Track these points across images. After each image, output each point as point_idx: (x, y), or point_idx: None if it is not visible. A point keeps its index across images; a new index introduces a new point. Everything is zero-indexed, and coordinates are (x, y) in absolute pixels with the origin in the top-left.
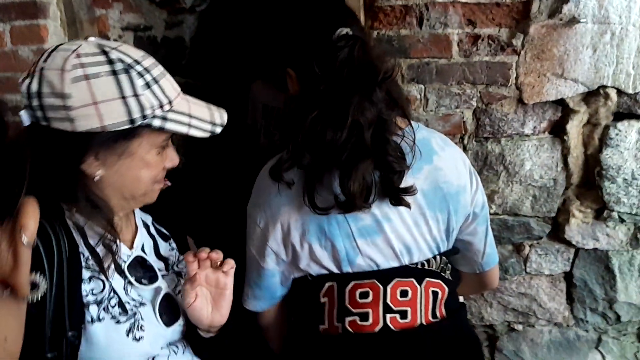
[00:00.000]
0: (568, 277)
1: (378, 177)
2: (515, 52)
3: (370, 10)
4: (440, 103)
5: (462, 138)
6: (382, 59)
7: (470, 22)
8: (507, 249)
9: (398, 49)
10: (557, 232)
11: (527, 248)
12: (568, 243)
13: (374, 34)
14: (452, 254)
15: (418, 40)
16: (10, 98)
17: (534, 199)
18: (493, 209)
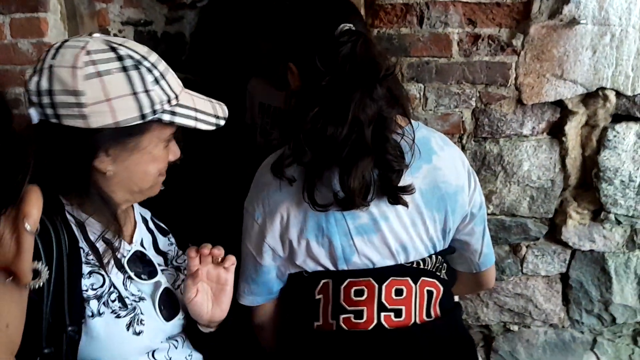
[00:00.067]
0: (564, 278)
1: (377, 175)
2: (515, 52)
3: (371, 8)
4: (440, 102)
5: (460, 138)
6: (384, 56)
7: (471, 21)
8: (503, 250)
9: (398, 48)
10: (553, 233)
11: (523, 249)
12: (565, 244)
13: (374, 32)
14: (448, 254)
15: (418, 39)
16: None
17: (532, 200)
18: (490, 209)
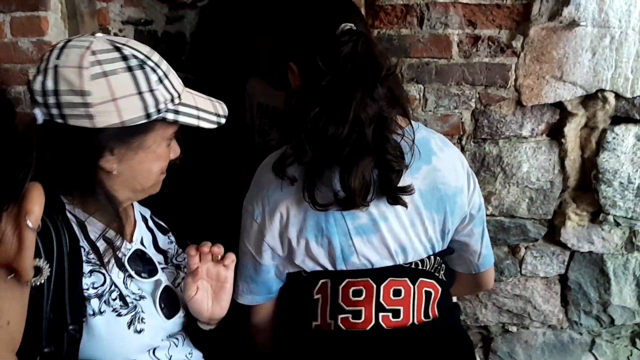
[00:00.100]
0: (563, 279)
1: (376, 175)
2: (515, 54)
3: (371, 9)
4: (439, 103)
5: (460, 139)
6: (385, 56)
7: (471, 23)
8: (502, 251)
9: (398, 49)
10: (552, 234)
11: (522, 250)
12: (563, 246)
13: (375, 33)
14: (446, 254)
15: (418, 40)
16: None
17: (531, 201)
18: (489, 210)
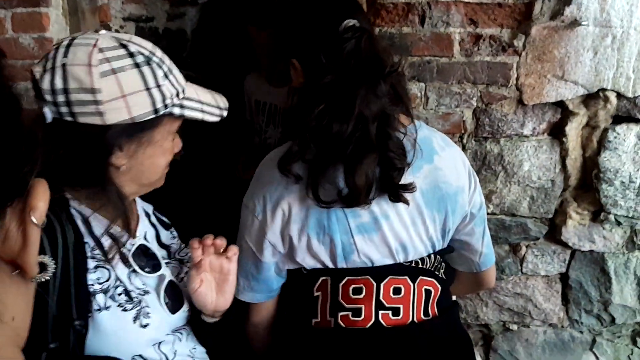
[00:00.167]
0: (564, 278)
1: (378, 173)
2: (517, 52)
3: (373, 7)
4: (441, 102)
5: (461, 137)
6: (388, 52)
7: (472, 21)
8: (503, 249)
9: (399, 47)
10: (553, 233)
11: (523, 248)
12: (564, 244)
13: (376, 31)
14: (446, 253)
15: (420, 39)
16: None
17: (532, 200)
18: (490, 209)
